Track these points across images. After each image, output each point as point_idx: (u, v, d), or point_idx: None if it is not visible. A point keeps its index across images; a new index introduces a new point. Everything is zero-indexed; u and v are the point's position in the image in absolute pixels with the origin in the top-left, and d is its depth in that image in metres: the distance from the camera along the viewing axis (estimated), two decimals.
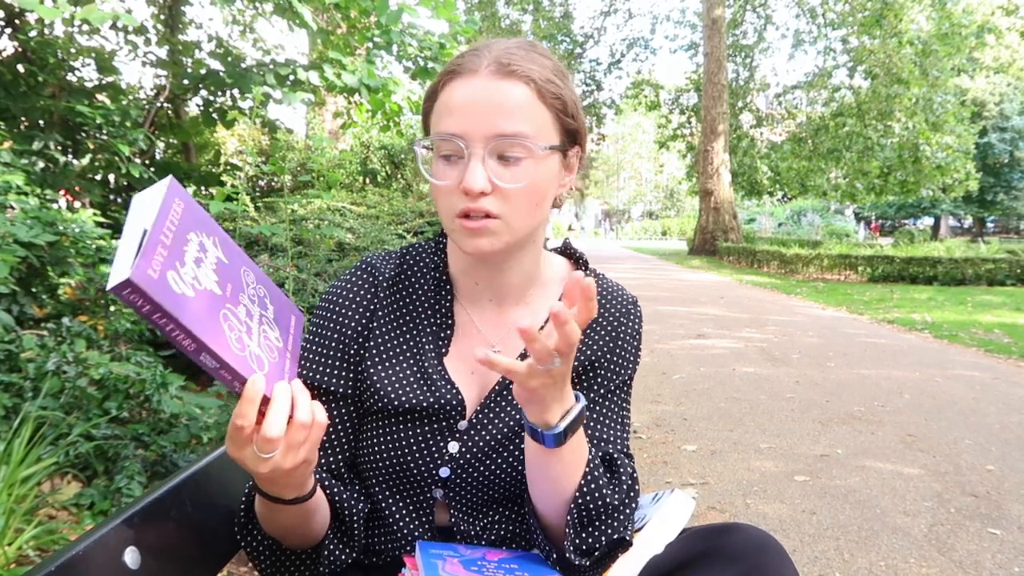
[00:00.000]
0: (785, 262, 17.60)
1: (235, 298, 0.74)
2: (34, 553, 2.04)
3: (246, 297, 0.75)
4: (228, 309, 0.72)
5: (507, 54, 0.93)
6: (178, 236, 0.69)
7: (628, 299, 1.10)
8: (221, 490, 1.06)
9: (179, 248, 0.69)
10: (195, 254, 0.71)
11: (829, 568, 2.51)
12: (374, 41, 5.24)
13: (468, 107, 0.91)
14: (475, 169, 0.90)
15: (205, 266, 0.72)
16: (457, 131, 0.90)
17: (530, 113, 0.92)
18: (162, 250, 0.66)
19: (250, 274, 0.78)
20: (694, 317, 9.13)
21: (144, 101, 5.57)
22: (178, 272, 0.67)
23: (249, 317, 0.75)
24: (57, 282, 3.38)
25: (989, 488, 3.28)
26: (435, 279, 1.06)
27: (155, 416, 2.72)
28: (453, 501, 1.02)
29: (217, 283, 0.72)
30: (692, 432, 4.11)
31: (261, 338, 0.76)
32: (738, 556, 0.89)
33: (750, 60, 27.94)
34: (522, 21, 28.49)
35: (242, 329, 0.73)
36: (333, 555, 0.97)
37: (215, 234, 0.75)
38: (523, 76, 0.92)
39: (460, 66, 0.93)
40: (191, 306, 0.67)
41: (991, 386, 5.36)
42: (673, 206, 67.48)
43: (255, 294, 0.77)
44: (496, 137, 0.90)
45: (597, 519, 0.92)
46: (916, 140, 22.48)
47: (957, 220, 44.40)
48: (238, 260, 0.77)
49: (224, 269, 0.74)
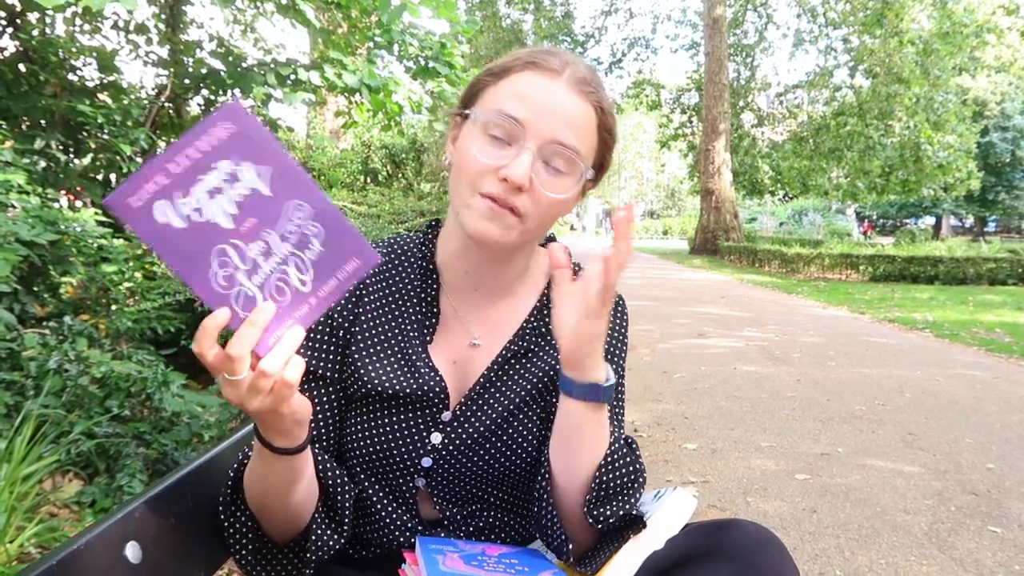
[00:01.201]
0: (786, 261, 17.60)
1: (253, 233, 0.72)
2: (35, 551, 2.05)
3: (275, 235, 0.72)
4: (232, 244, 0.71)
5: (586, 72, 0.96)
6: (199, 163, 0.69)
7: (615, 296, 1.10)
8: (221, 485, 1.06)
9: (191, 176, 0.68)
10: (214, 183, 0.69)
11: (830, 566, 2.51)
12: (375, 41, 5.25)
13: (540, 102, 0.92)
14: (524, 160, 0.91)
15: (223, 197, 0.70)
16: (522, 118, 0.92)
17: (588, 136, 0.96)
18: (162, 178, 0.67)
19: (304, 209, 0.73)
20: (695, 316, 9.13)
21: (145, 100, 5.58)
22: (172, 202, 0.67)
23: (265, 254, 0.72)
24: (59, 281, 3.39)
25: (990, 486, 3.28)
26: (422, 268, 1.07)
27: (156, 414, 2.73)
28: (435, 491, 1.03)
29: (232, 216, 0.70)
30: (693, 431, 4.11)
31: (273, 279, 0.73)
32: (738, 552, 0.89)
33: (751, 59, 27.94)
34: (523, 21, 28.50)
35: (241, 266, 0.71)
36: (321, 539, 0.94)
37: (270, 163, 0.71)
38: (595, 102, 0.95)
39: (543, 62, 0.95)
40: (173, 238, 0.67)
41: (992, 385, 5.36)
42: (674, 205, 67.47)
43: (296, 231, 0.73)
44: (554, 143, 0.92)
45: (620, 488, 0.94)
46: (917, 139, 22.47)
47: (958, 219, 44.35)
48: (288, 193, 0.72)
49: (256, 202, 0.71)
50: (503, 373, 1.04)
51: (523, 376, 1.04)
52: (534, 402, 1.04)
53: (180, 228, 0.68)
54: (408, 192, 8.22)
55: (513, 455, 1.03)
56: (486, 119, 0.93)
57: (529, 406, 1.04)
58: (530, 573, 0.89)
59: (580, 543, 0.98)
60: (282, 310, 0.73)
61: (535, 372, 1.05)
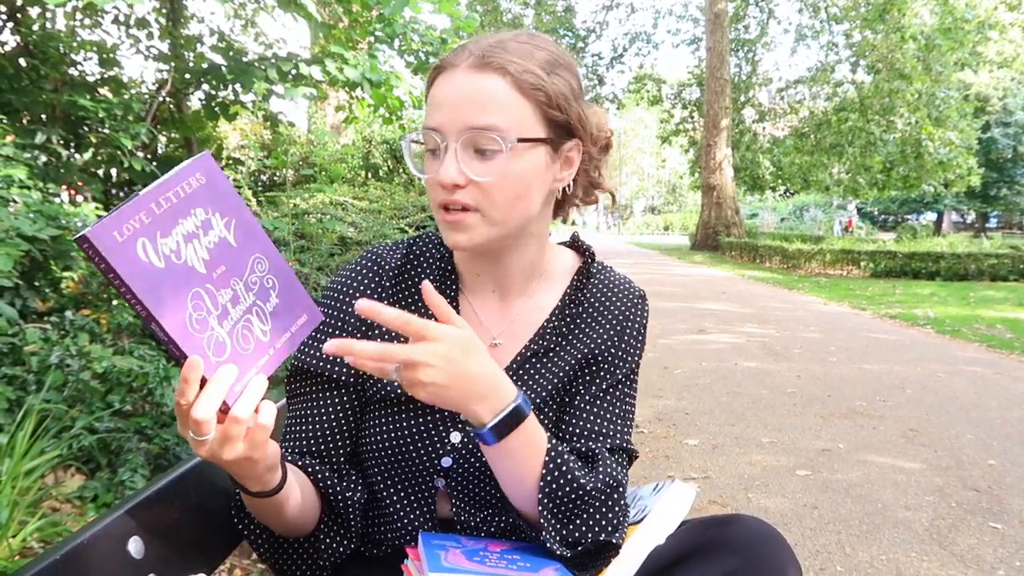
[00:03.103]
0: (787, 257, 17.59)
1: (223, 280, 0.74)
2: (38, 545, 2.05)
3: (241, 284, 0.75)
4: (205, 289, 0.72)
5: (492, 47, 0.92)
6: (178, 208, 0.70)
7: (635, 293, 1.09)
8: (225, 480, 1.06)
9: (171, 219, 0.70)
10: (190, 229, 0.71)
11: (830, 562, 2.52)
12: (376, 35, 5.24)
13: (446, 101, 0.92)
14: (447, 163, 0.91)
15: (198, 243, 0.72)
16: (435, 125, 0.92)
17: (506, 106, 0.91)
18: (144, 216, 0.67)
19: (264, 263, 0.77)
20: (696, 312, 9.13)
21: (146, 95, 5.57)
22: (153, 241, 0.68)
23: (233, 303, 0.74)
24: (60, 276, 3.39)
25: (990, 483, 3.28)
26: (441, 269, 1.06)
27: (158, 409, 2.73)
28: (455, 491, 1.02)
29: (205, 262, 0.72)
30: (694, 426, 4.11)
31: (240, 326, 0.75)
32: (739, 547, 0.89)
33: (752, 55, 27.86)
34: (524, 16, 28.44)
35: (214, 311, 0.72)
36: (331, 548, 0.97)
37: (234, 216, 0.75)
38: (499, 68, 0.91)
39: (448, 61, 0.94)
40: (152, 276, 0.67)
41: (993, 381, 5.36)
42: (675, 201, 67.42)
43: (258, 283, 0.77)
44: (467, 130, 0.90)
45: (572, 505, 0.91)
46: (918, 135, 22.42)
47: (960, 215, 44.27)
48: (252, 247, 0.76)
49: (224, 251, 0.74)
50: (523, 372, 1.03)
51: (543, 375, 1.03)
52: (552, 400, 1.03)
53: (159, 268, 0.68)
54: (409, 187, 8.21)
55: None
56: (418, 139, 0.96)
57: (548, 404, 1.03)
58: (532, 569, 0.89)
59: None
60: (246, 357, 0.75)
61: (554, 371, 1.03)
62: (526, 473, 0.90)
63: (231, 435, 0.73)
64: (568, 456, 0.92)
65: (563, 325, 1.05)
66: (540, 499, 0.90)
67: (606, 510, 0.93)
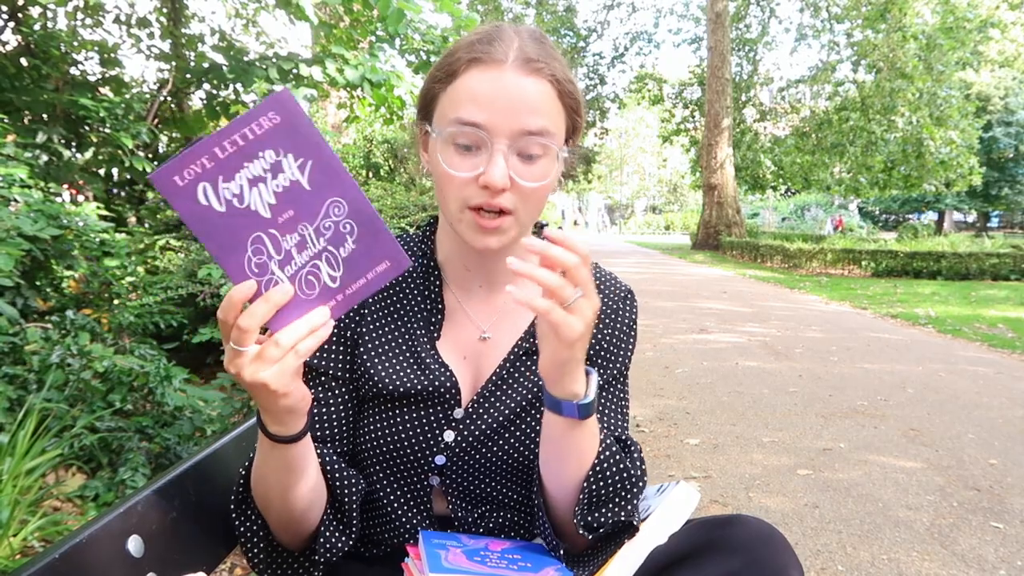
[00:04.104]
0: (788, 257, 17.57)
1: (289, 226, 0.72)
2: (39, 544, 2.05)
3: (311, 229, 0.73)
4: (268, 234, 0.72)
5: (537, 48, 0.93)
6: (244, 150, 0.69)
7: (622, 289, 1.10)
8: (225, 479, 1.06)
9: (236, 163, 0.69)
10: (256, 172, 0.70)
11: (831, 561, 2.51)
12: (377, 35, 5.24)
13: (495, 99, 0.89)
14: (499, 163, 0.89)
15: (264, 186, 0.71)
16: (482, 122, 0.89)
17: (551, 111, 0.92)
18: (206, 160, 0.68)
19: (342, 207, 0.74)
20: (697, 312, 9.13)
21: (147, 94, 5.57)
22: (215, 185, 0.68)
23: (299, 248, 0.73)
24: (61, 275, 3.40)
25: (992, 482, 3.28)
26: (423, 265, 1.06)
27: (159, 409, 2.73)
28: (449, 489, 1.02)
29: (270, 206, 0.71)
30: (695, 426, 4.11)
31: (305, 271, 0.74)
32: (741, 547, 0.88)
33: (754, 54, 27.84)
34: (525, 15, 28.44)
35: (275, 256, 0.72)
36: (329, 541, 0.95)
37: (311, 157, 0.72)
38: (548, 74, 0.92)
39: (485, 54, 0.91)
40: (211, 220, 0.69)
41: (994, 380, 5.35)
42: (676, 200, 67.41)
43: (332, 227, 0.74)
44: (522, 134, 0.90)
45: (614, 488, 0.94)
46: (920, 135, 22.39)
47: (961, 215, 44.23)
48: (329, 190, 0.73)
49: (294, 195, 0.72)
50: (514, 370, 1.03)
51: (534, 372, 1.04)
52: (538, 400, 1.04)
53: (220, 212, 0.69)
54: (410, 186, 8.20)
55: (525, 450, 1.02)
56: (449, 131, 0.91)
57: (535, 404, 1.03)
58: (533, 568, 0.89)
59: (576, 546, 0.98)
60: (309, 302, 0.74)
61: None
62: (586, 452, 0.92)
63: (265, 357, 0.73)
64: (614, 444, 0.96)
65: None
66: (588, 478, 0.92)
67: (637, 491, 0.96)
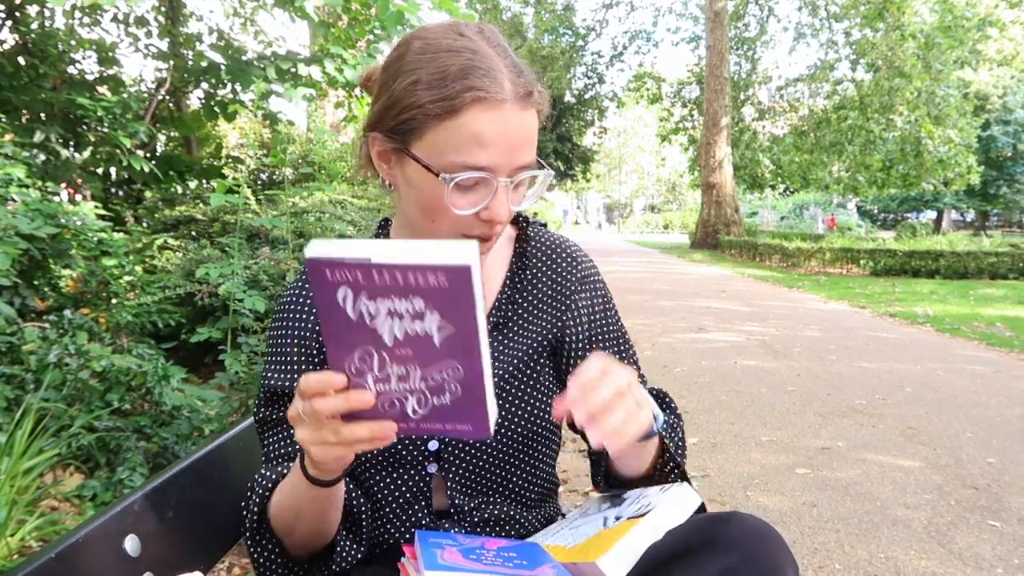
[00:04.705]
0: (787, 256, 17.58)
1: (402, 359, 0.72)
2: (36, 544, 2.05)
3: (419, 373, 0.73)
4: (381, 354, 0.72)
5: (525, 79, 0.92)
6: (399, 288, 0.68)
7: (573, 247, 1.15)
8: (221, 479, 1.06)
9: (385, 292, 0.68)
10: (399, 309, 0.70)
11: (829, 560, 2.52)
12: (375, 33, 5.23)
13: (500, 141, 0.89)
14: (502, 202, 0.92)
15: (398, 321, 0.70)
16: (487, 164, 0.89)
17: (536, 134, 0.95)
18: (360, 275, 0.67)
19: (458, 372, 0.73)
20: (696, 311, 9.13)
21: (145, 94, 5.57)
22: (356, 297, 0.69)
23: (399, 379, 0.73)
24: (59, 274, 3.39)
25: (989, 481, 3.28)
26: None
27: (157, 408, 2.73)
28: (448, 475, 1.03)
29: (395, 338, 0.71)
30: (693, 425, 4.11)
31: (394, 395, 0.75)
32: (737, 544, 0.89)
33: (752, 53, 27.86)
34: (523, 14, 28.44)
35: (375, 372, 0.73)
36: (346, 549, 0.98)
37: (456, 328, 0.70)
38: (537, 104, 0.93)
39: (489, 92, 0.89)
40: (337, 318, 0.70)
41: (992, 379, 5.36)
42: (675, 199, 67.45)
43: (439, 382, 0.73)
44: (519, 169, 0.92)
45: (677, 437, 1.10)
46: (918, 133, 22.42)
47: (960, 214, 44.27)
48: (454, 354, 0.72)
49: (421, 343, 0.71)
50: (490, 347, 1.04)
51: (508, 348, 1.05)
52: (522, 374, 1.06)
53: (349, 317, 0.70)
54: None
55: (516, 419, 1.04)
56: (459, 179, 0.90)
57: (518, 378, 1.05)
58: (528, 567, 0.89)
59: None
60: (382, 414, 0.76)
61: (520, 343, 1.06)
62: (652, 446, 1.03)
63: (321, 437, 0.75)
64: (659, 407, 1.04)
65: (516, 294, 1.09)
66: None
67: (682, 433, 1.12)
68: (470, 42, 0.92)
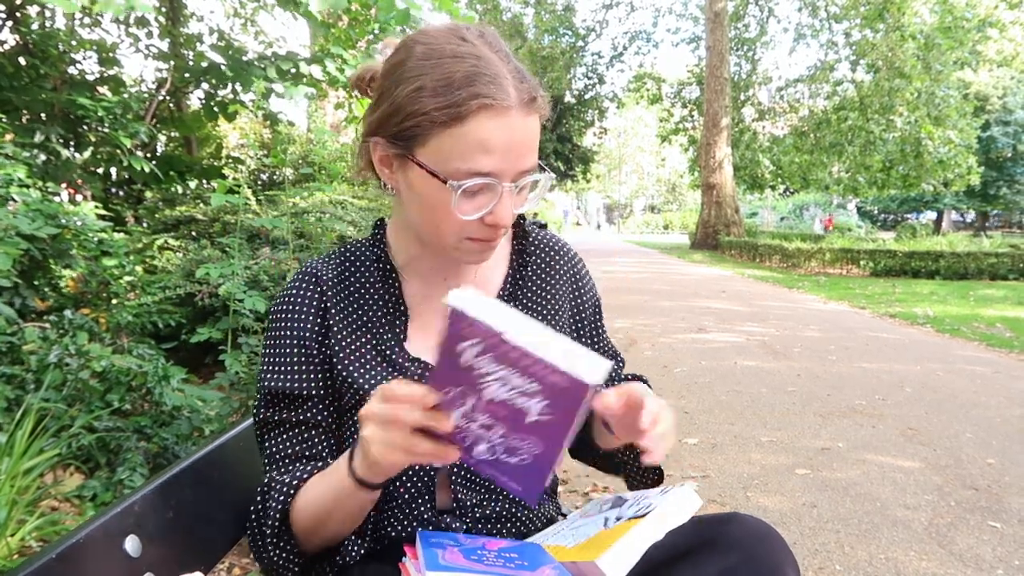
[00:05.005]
0: (787, 256, 17.58)
1: (494, 414, 0.76)
2: (36, 544, 2.05)
3: (502, 431, 0.77)
4: (478, 403, 0.76)
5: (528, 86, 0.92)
6: (521, 368, 0.72)
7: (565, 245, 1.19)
8: (222, 479, 1.06)
9: (507, 364, 0.72)
10: (513, 383, 0.74)
11: (829, 560, 2.52)
12: (375, 34, 5.24)
13: (505, 147, 0.90)
14: (506, 206, 0.93)
15: (506, 390, 0.74)
16: (493, 170, 0.90)
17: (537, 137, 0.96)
18: (493, 344, 0.72)
19: (534, 449, 0.78)
20: (696, 311, 9.13)
21: (145, 94, 5.57)
22: (478, 356, 0.73)
23: (483, 427, 0.78)
24: (59, 275, 3.39)
25: (990, 481, 3.28)
26: (380, 270, 1.07)
27: (157, 408, 2.73)
28: (453, 470, 1.03)
29: (496, 399, 0.75)
30: (693, 425, 4.12)
31: (471, 434, 0.79)
32: (737, 544, 0.89)
33: (752, 53, 27.87)
34: (523, 14, 28.46)
35: (466, 411, 0.77)
36: (354, 543, 0.97)
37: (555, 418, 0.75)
38: (540, 108, 0.94)
39: (495, 99, 0.88)
40: (454, 360, 0.74)
41: (992, 380, 5.36)
42: (675, 200, 67.47)
43: (515, 447, 0.79)
44: (522, 173, 0.93)
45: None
46: (918, 134, 22.43)
47: (960, 214, 44.27)
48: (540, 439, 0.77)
49: (516, 415, 0.75)
50: None
51: None
52: None
53: (463, 364, 0.74)
54: None
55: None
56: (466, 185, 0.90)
57: None
58: (530, 567, 0.89)
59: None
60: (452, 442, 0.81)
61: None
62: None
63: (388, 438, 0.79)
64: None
65: (517, 290, 1.11)
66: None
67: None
68: (473, 47, 0.91)
